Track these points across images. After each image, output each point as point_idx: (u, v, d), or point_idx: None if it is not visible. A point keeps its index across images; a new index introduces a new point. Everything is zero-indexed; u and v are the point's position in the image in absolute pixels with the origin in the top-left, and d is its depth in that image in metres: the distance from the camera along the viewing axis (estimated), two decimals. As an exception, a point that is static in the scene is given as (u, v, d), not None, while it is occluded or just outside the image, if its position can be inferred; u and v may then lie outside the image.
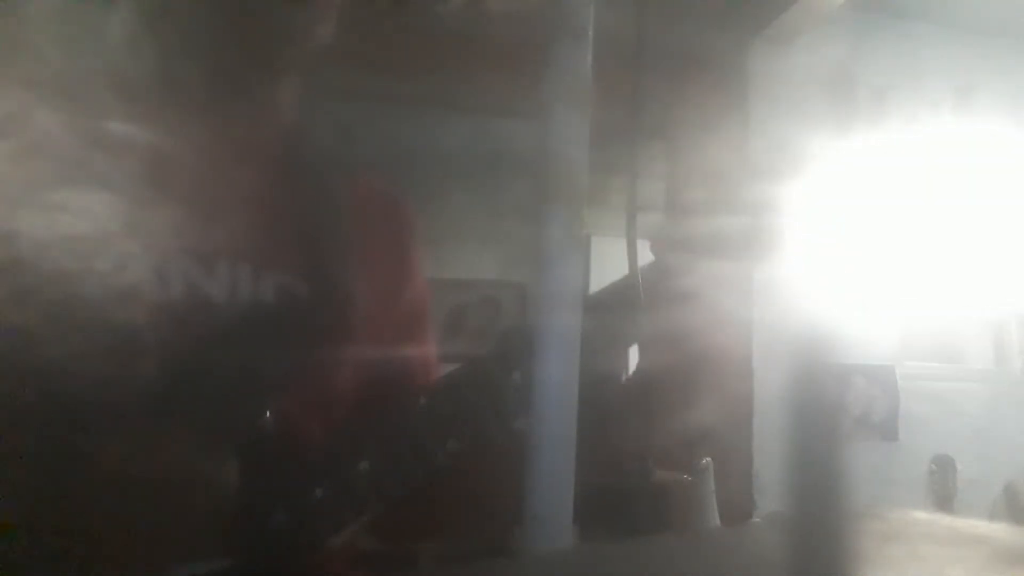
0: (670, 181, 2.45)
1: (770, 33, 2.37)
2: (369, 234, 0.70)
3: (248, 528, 0.54)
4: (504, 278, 4.06)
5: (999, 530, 0.26)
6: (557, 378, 0.38)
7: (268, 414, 0.57)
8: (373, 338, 0.67)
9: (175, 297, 0.57)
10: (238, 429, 0.56)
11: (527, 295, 4.05)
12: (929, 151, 2.50)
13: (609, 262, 1.18)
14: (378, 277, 0.69)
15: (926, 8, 2.51)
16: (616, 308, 0.63)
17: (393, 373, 0.72)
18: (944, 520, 0.28)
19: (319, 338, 0.62)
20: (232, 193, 0.63)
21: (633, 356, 0.68)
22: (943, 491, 2.43)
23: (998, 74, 2.62)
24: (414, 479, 0.58)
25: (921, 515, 0.28)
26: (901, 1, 2.49)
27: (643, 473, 1.72)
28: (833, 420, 0.19)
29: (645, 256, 0.74)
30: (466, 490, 0.67)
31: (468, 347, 3.91)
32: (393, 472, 0.58)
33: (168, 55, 0.64)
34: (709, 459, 2.00)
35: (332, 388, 0.65)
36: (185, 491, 0.52)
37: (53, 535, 0.49)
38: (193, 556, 0.52)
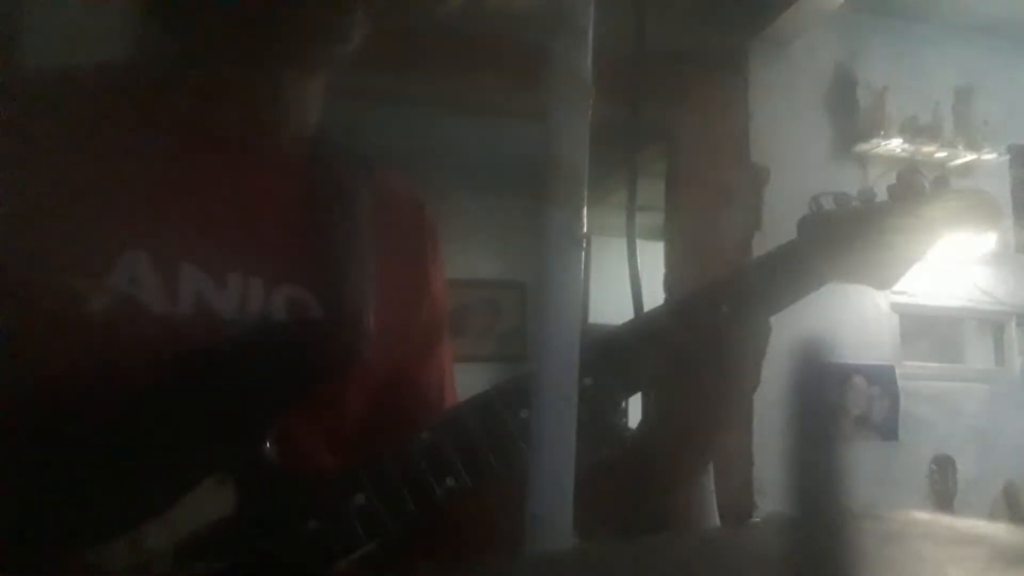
0: (670, 181, 2.45)
1: (770, 33, 2.37)
2: (387, 238, 0.68)
3: (236, 550, 0.52)
4: (504, 278, 4.07)
5: (999, 530, 0.26)
6: (557, 377, 0.38)
7: (268, 445, 0.55)
8: (383, 354, 0.65)
9: (182, 316, 0.56)
10: (239, 458, 0.54)
11: (527, 295, 4.05)
12: (929, 151, 2.50)
13: (609, 262, 1.18)
14: (395, 285, 0.67)
15: (926, 8, 2.51)
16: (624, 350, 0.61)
17: (401, 395, 0.70)
18: (944, 520, 0.28)
19: (330, 356, 0.59)
20: (251, 207, 0.61)
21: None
22: (943, 491, 2.43)
23: (998, 74, 2.62)
24: (409, 517, 0.56)
25: (921, 515, 0.28)
26: (901, 1, 2.49)
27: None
28: (833, 420, 0.19)
29: (645, 256, 0.74)
30: (465, 523, 0.65)
31: (468, 348, 3.91)
32: (388, 508, 0.55)
33: (191, 60, 0.62)
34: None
35: (339, 411, 0.63)
36: (183, 512, 0.51)
37: (46, 543, 0.48)
38: (188, 574, 0.51)
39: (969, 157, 2.51)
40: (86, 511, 0.49)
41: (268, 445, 0.55)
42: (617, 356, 0.61)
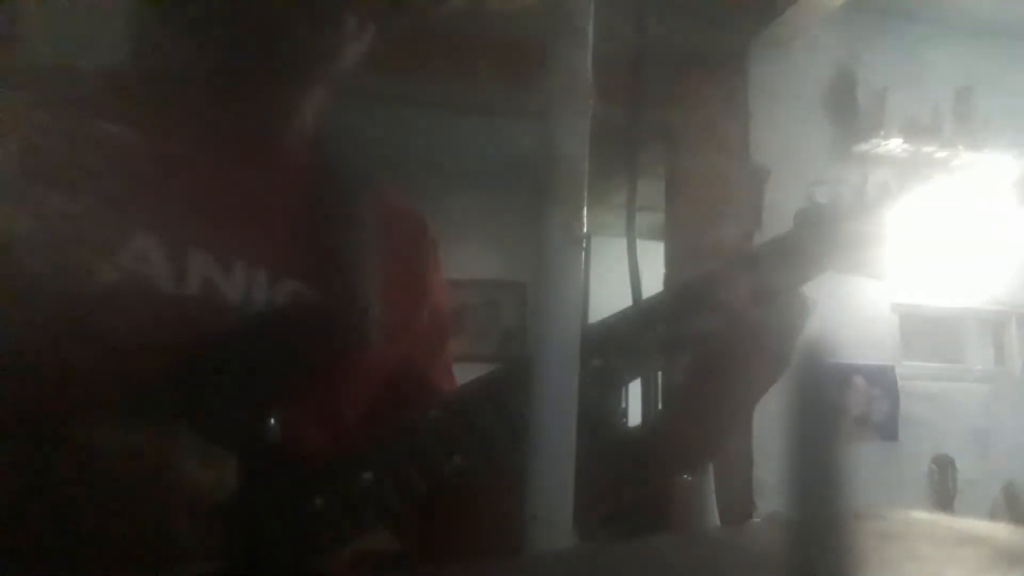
0: (670, 181, 2.46)
1: (770, 33, 2.37)
2: (389, 248, 0.69)
3: (243, 534, 0.53)
4: (504, 278, 4.07)
5: (999, 530, 0.26)
6: (557, 377, 0.38)
7: (273, 421, 0.56)
8: (386, 351, 0.66)
9: (189, 297, 0.57)
10: (242, 434, 0.55)
11: (527, 295, 4.05)
12: (929, 151, 2.50)
13: (609, 262, 1.18)
14: (396, 290, 0.68)
15: (926, 8, 2.51)
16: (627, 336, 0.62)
17: (407, 388, 0.71)
18: (944, 520, 0.28)
19: (332, 347, 0.61)
20: (252, 198, 0.63)
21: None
22: (943, 491, 2.43)
23: (998, 74, 2.62)
24: (416, 494, 0.57)
25: (921, 515, 0.28)
26: (901, 1, 2.49)
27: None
28: (833, 420, 0.19)
29: (645, 256, 0.74)
30: (470, 502, 0.66)
31: (468, 347, 3.92)
32: (395, 486, 0.56)
33: (196, 60, 0.64)
34: (709, 459, 2.00)
35: (342, 399, 0.64)
36: (182, 493, 0.51)
37: (45, 533, 0.49)
38: (186, 559, 0.51)
39: (969, 157, 2.51)
40: (88, 484, 0.50)
41: (272, 423, 0.55)
42: (621, 339, 0.62)
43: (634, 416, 0.95)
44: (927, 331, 2.60)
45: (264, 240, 0.62)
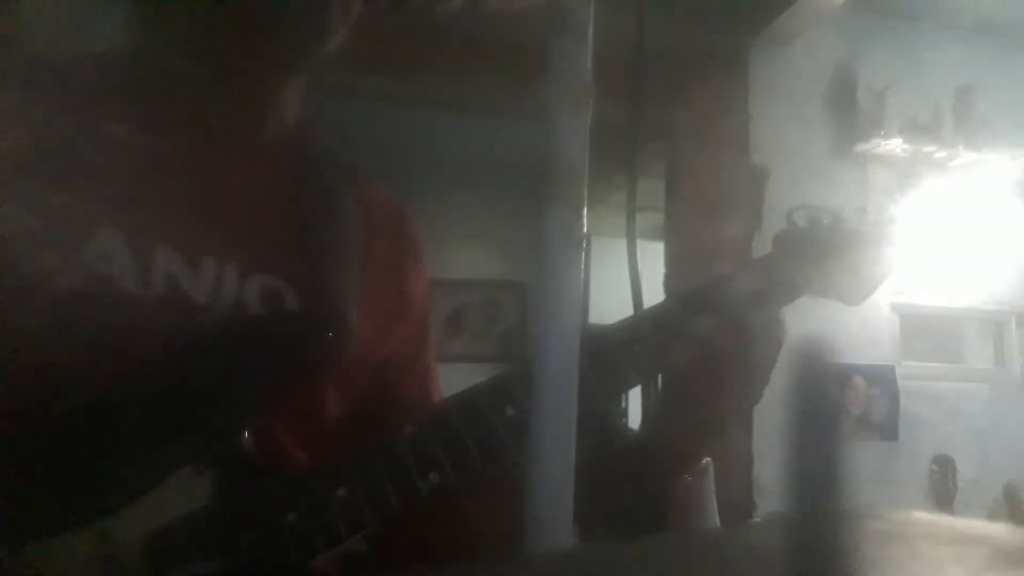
0: (670, 181, 2.45)
1: (770, 33, 2.37)
2: (369, 243, 0.68)
3: (216, 546, 0.52)
4: (504, 278, 4.07)
5: (999, 530, 0.26)
6: (556, 377, 0.38)
7: (247, 434, 0.54)
8: (367, 354, 0.65)
9: (153, 295, 0.55)
10: (214, 447, 0.53)
11: (527, 295, 4.05)
12: (929, 151, 2.50)
13: (609, 262, 1.18)
14: (376, 288, 0.67)
15: (926, 8, 2.51)
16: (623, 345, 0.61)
17: (388, 394, 0.70)
18: (944, 520, 0.28)
19: (308, 349, 0.59)
20: (230, 194, 0.62)
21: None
22: (943, 491, 2.43)
23: (998, 74, 2.62)
24: (392, 511, 0.55)
25: (921, 515, 0.28)
26: (901, 1, 2.49)
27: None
28: (833, 420, 0.19)
29: (645, 256, 0.74)
30: (452, 520, 0.64)
31: (468, 347, 3.92)
32: (370, 502, 0.55)
33: (174, 52, 0.62)
34: (709, 459, 2.00)
35: (320, 407, 0.63)
36: (155, 502, 0.50)
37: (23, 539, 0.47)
38: (160, 567, 0.50)
39: (969, 157, 2.51)
40: (51, 501, 0.48)
41: (246, 436, 0.54)
42: (598, 358, 0.61)
43: (634, 418, 0.95)
44: (927, 331, 2.60)
45: (235, 234, 0.60)
